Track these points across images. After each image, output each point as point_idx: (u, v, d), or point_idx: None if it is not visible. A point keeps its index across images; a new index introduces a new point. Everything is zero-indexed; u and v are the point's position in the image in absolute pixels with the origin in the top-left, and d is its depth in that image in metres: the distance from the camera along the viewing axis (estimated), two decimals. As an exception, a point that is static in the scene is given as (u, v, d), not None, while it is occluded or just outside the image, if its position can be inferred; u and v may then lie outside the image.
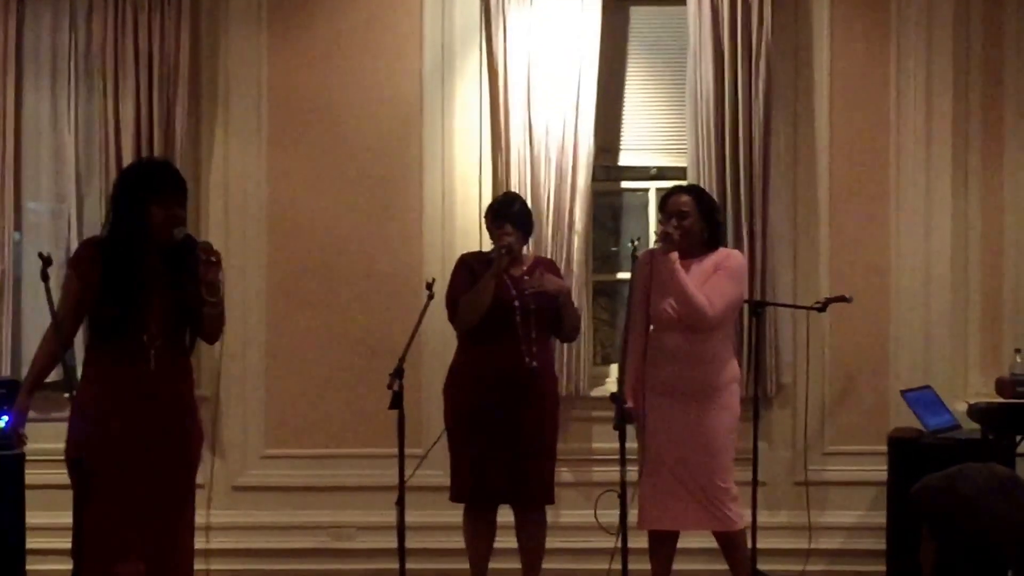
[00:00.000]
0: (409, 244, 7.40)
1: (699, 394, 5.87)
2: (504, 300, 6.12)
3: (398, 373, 5.60)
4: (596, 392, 7.32)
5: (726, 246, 6.32)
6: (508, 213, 6.26)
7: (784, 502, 7.31)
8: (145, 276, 5.00)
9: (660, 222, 6.05)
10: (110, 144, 7.16)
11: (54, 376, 6.80)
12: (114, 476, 4.87)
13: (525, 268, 6.29)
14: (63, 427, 4.98)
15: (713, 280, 5.91)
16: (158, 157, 5.28)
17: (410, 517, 5.77)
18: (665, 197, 6.08)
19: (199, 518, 5.57)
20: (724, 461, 5.91)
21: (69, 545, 4.93)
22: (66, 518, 5.00)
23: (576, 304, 6.66)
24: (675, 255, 5.82)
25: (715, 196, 7.09)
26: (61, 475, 4.96)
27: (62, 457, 4.94)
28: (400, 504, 5.71)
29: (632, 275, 5.98)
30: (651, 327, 5.98)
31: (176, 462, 5.09)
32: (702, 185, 7.04)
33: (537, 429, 6.14)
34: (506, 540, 6.35)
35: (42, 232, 7.36)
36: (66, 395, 5.15)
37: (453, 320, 6.25)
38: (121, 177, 5.32)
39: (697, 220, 5.96)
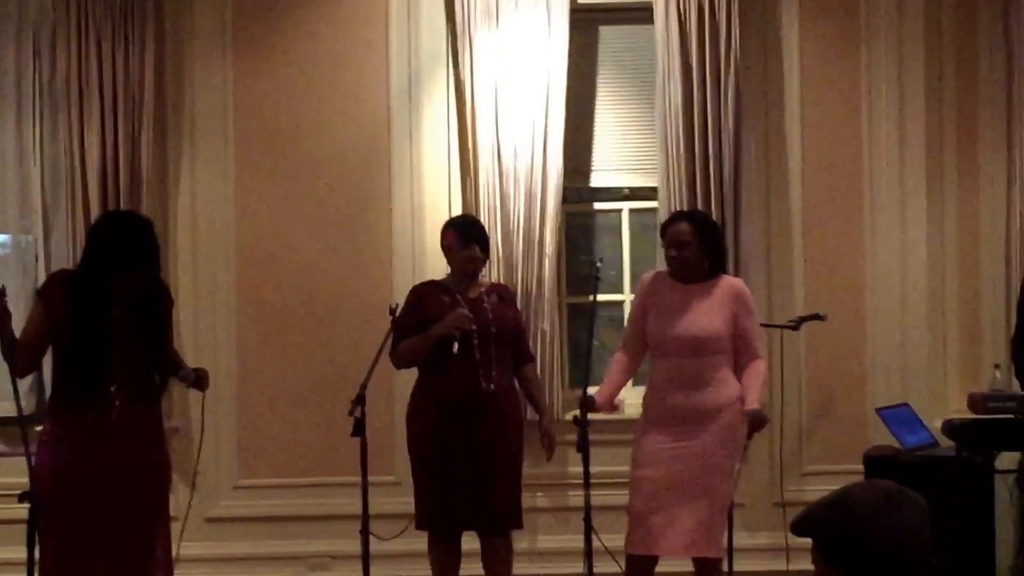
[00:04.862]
0: (379, 270, 7.35)
1: (704, 417, 5.73)
2: None
3: (360, 400, 5.56)
4: (571, 416, 7.20)
5: (727, 271, 6.08)
6: (475, 233, 6.13)
7: (762, 523, 7.21)
8: (112, 328, 4.96)
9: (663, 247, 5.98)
10: (76, 176, 7.12)
11: (6, 412, 6.77)
12: (73, 517, 4.89)
13: (482, 291, 6.17)
14: (16, 463, 4.94)
15: (749, 326, 5.85)
16: (131, 214, 5.33)
17: (386, 545, 5.73)
18: (666, 224, 5.98)
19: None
20: (729, 487, 5.80)
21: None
22: (21, 553, 4.94)
23: (548, 326, 6.67)
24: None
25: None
26: (13, 510, 4.90)
27: (14, 492, 4.89)
28: (364, 533, 5.66)
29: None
30: (651, 353, 5.89)
31: (141, 499, 5.07)
32: (673, 203, 7.02)
33: (499, 453, 6.02)
34: (473, 567, 6.26)
35: (9, 265, 7.32)
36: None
37: (392, 358, 6.11)
38: (94, 232, 5.15)
39: (697, 249, 5.83)
